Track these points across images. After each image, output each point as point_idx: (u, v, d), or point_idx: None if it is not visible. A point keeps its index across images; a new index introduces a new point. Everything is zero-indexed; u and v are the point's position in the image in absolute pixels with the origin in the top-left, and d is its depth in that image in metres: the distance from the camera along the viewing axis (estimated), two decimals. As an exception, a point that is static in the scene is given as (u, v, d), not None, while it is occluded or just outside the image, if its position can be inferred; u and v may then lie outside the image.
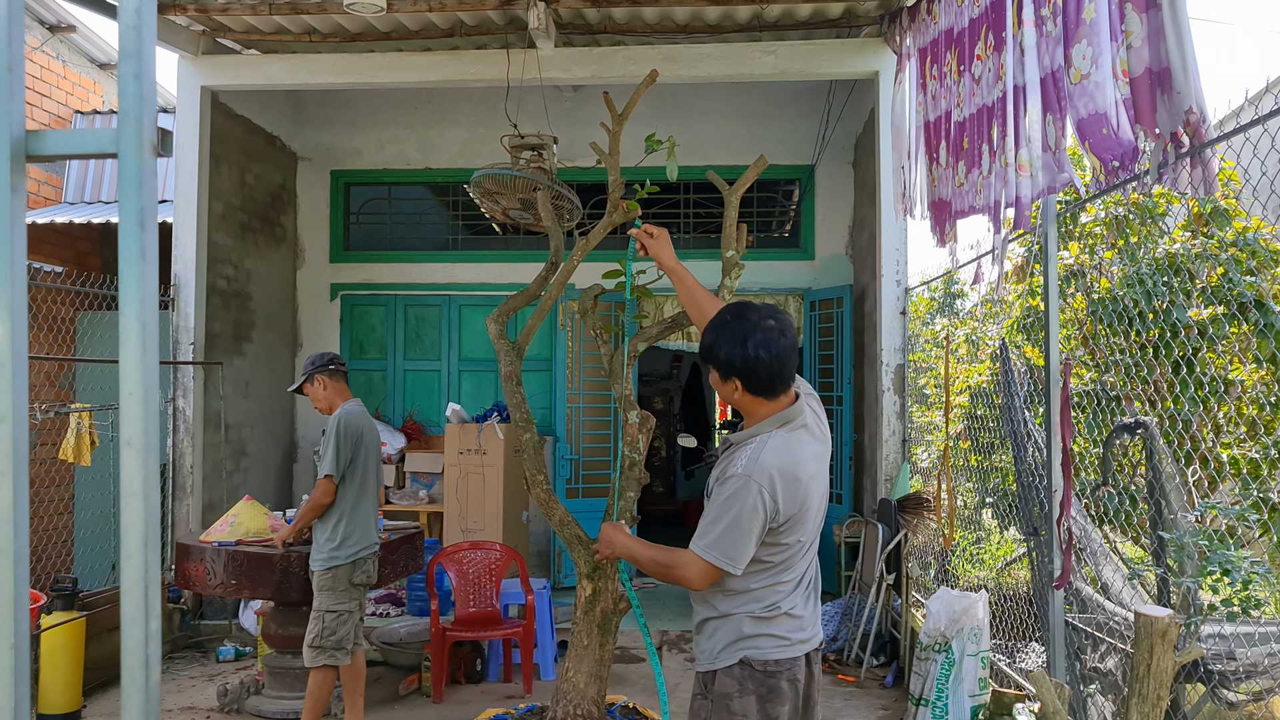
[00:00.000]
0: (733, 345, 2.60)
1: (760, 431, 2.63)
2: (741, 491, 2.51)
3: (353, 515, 4.95)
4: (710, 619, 2.71)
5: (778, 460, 2.55)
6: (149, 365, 1.08)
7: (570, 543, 3.38)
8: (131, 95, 1.08)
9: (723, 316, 2.70)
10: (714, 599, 2.68)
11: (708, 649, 2.71)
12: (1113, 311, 5.02)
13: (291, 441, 9.18)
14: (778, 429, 2.63)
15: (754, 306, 2.69)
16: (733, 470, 2.58)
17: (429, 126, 9.24)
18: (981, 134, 4.19)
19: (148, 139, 1.09)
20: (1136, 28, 3.17)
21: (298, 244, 9.31)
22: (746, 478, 2.52)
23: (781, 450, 2.58)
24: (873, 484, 7.47)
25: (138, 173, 1.09)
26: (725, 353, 2.61)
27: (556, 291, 3.47)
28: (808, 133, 8.87)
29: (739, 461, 2.59)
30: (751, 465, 2.54)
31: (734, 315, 2.68)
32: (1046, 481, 4.04)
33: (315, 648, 4.90)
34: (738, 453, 2.65)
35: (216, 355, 7.68)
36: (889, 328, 7.11)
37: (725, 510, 2.53)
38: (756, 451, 2.57)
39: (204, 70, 7.45)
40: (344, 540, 4.90)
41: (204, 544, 5.40)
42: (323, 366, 5.12)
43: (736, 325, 2.63)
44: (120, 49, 1.08)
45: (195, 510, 7.32)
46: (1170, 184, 3.13)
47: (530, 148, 4.89)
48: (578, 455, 8.55)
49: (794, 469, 2.57)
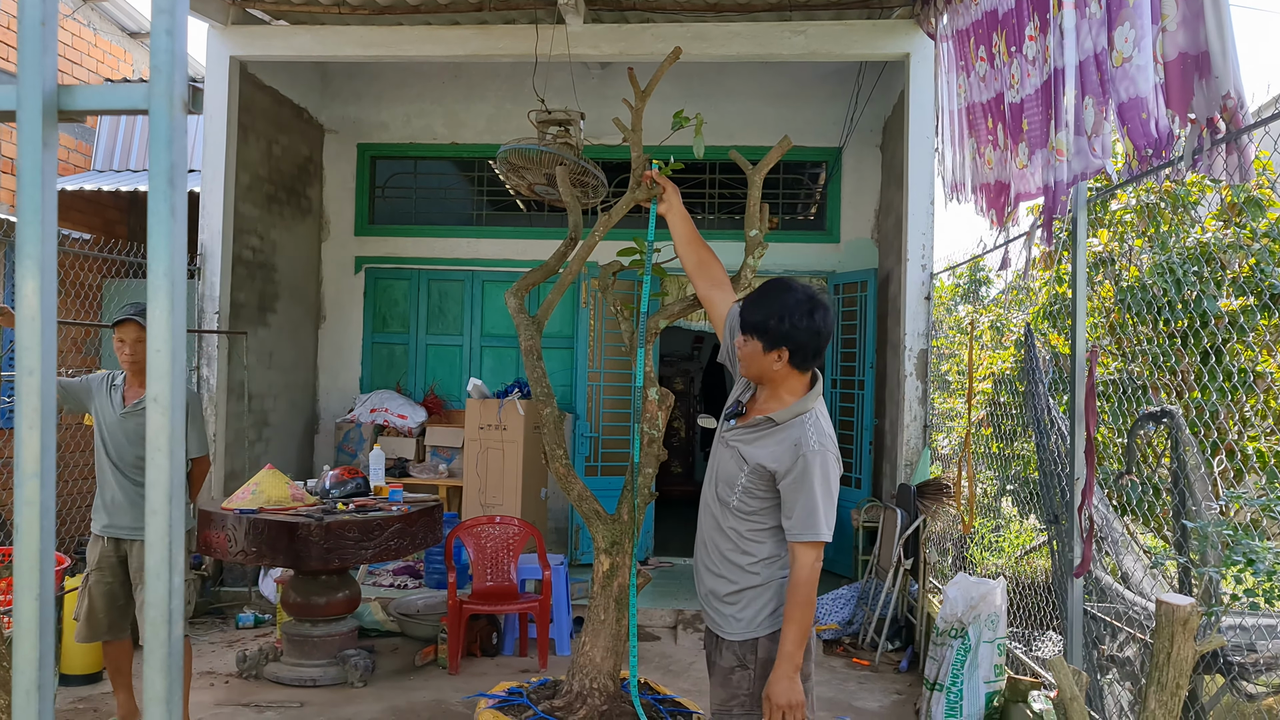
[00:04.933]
0: (798, 316, 2.71)
1: (808, 407, 2.77)
2: (826, 465, 2.69)
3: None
4: (749, 588, 2.78)
5: (829, 428, 2.78)
6: (177, 322, 1.08)
7: (588, 517, 3.38)
8: (163, 51, 1.08)
9: (777, 288, 2.80)
10: (758, 567, 2.77)
11: (746, 617, 2.77)
12: (1141, 300, 4.97)
13: (314, 413, 9.24)
14: (815, 403, 2.80)
15: (798, 282, 2.83)
16: (806, 448, 2.69)
17: (456, 101, 9.22)
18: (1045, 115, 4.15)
19: (179, 95, 1.09)
20: (1172, 11, 3.12)
21: (323, 216, 9.34)
22: (824, 451, 2.70)
23: (827, 419, 2.81)
24: (892, 469, 7.44)
25: (168, 129, 1.08)
26: (788, 324, 2.71)
27: (576, 267, 3.46)
28: (836, 115, 8.81)
29: (808, 439, 2.70)
30: (821, 438, 2.71)
31: (788, 289, 2.79)
32: (1069, 469, 4.01)
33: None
34: (792, 432, 2.74)
35: (241, 325, 7.72)
36: (913, 313, 7.07)
37: (823, 488, 2.68)
38: (817, 425, 2.74)
39: (233, 40, 7.46)
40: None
41: (226, 511, 5.44)
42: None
43: (797, 298, 2.74)
44: (154, 4, 1.08)
45: (218, 478, 7.38)
46: (1205, 170, 3.09)
47: (557, 123, 4.87)
48: (597, 433, 8.56)
49: (832, 431, 2.81)
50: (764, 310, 2.74)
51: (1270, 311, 4.53)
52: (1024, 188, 4.45)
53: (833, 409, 8.69)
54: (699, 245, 3.21)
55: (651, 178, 3.33)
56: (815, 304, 2.73)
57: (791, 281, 2.81)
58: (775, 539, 2.77)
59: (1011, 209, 4.65)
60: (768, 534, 2.78)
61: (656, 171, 3.31)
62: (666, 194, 3.31)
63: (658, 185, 3.33)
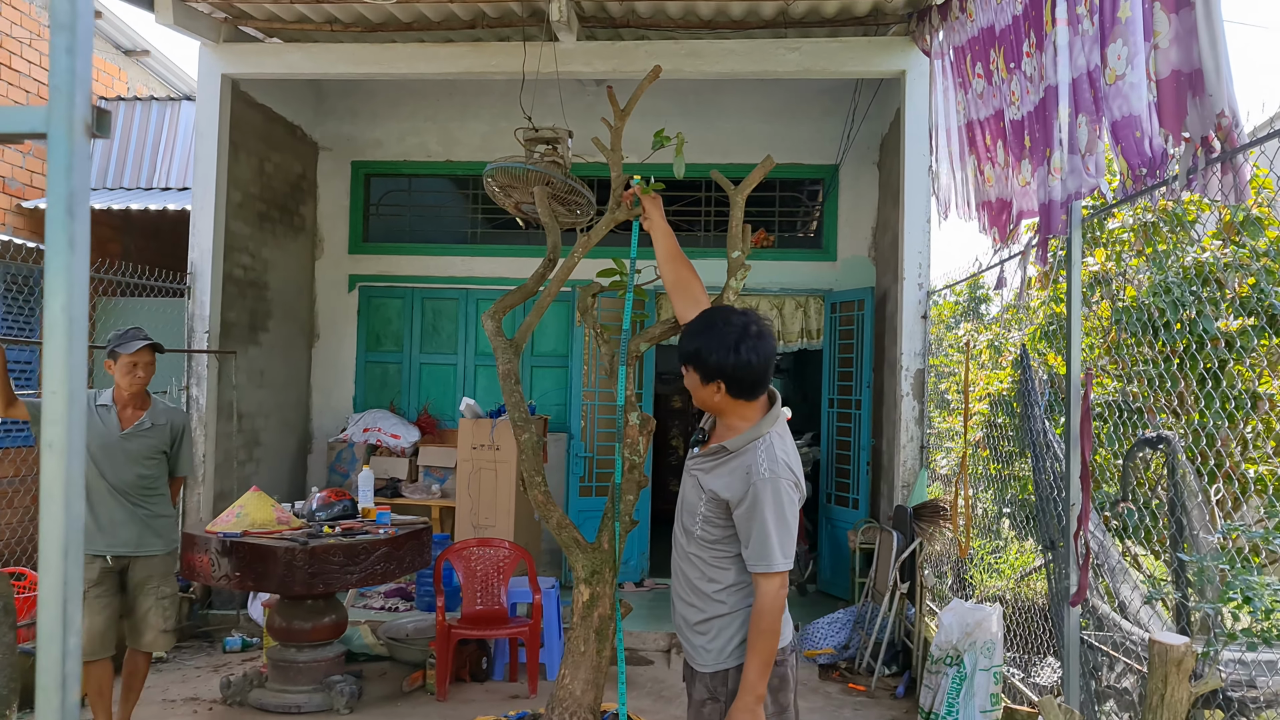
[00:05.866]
0: (724, 351, 2.65)
1: (761, 432, 2.69)
2: (778, 492, 2.60)
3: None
4: (715, 617, 2.72)
5: (785, 453, 2.68)
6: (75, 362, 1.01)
7: (568, 546, 3.30)
8: (63, 71, 1.01)
9: (708, 320, 2.76)
10: (723, 595, 2.72)
11: (715, 648, 2.71)
12: (1138, 320, 4.88)
13: (306, 433, 9.15)
14: (772, 428, 2.72)
15: (735, 310, 2.76)
16: (756, 476, 2.61)
17: (450, 119, 9.18)
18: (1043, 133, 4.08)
19: (80, 118, 1.02)
20: (1165, 28, 3.05)
21: (316, 234, 9.28)
22: (775, 479, 2.61)
23: (784, 443, 2.72)
24: (890, 490, 7.35)
25: (67, 155, 1.01)
26: (715, 358, 2.66)
27: (555, 289, 3.38)
28: (832, 132, 8.75)
29: (758, 466, 2.63)
30: (773, 464, 2.62)
31: (721, 320, 2.73)
32: (1065, 494, 3.91)
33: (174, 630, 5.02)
34: (744, 459, 2.67)
35: (232, 344, 7.65)
36: (910, 331, 6.98)
37: (775, 516, 2.59)
38: (769, 453, 2.64)
39: (225, 58, 7.41)
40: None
41: (209, 535, 5.35)
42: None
43: (725, 330, 2.68)
44: (51, 19, 1.01)
45: (206, 499, 7.30)
46: (1200, 190, 3.01)
47: (545, 141, 4.81)
48: (592, 453, 8.47)
49: (795, 456, 2.73)
50: (694, 342, 2.71)
51: (1269, 332, 4.44)
52: (1026, 205, 4.38)
53: (830, 429, 8.60)
54: (680, 263, 3.15)
55: (633, 195, 3.27)
56: (744, 336, 2.64)
57: (725, 312, 2.74)
58: (739, 566, 2.71)
59: (1014, 227, 4.58)
60: (731, 561, 2.73)
61: (637, 188, 3.24)
62: (648, 210, 3.25)
63: (639, 203, 3.26)
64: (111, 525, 4.75)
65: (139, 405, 4.89)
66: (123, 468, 4.76)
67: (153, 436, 4.89)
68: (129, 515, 4.77)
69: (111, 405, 4.82)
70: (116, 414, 4.80)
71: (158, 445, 4.91)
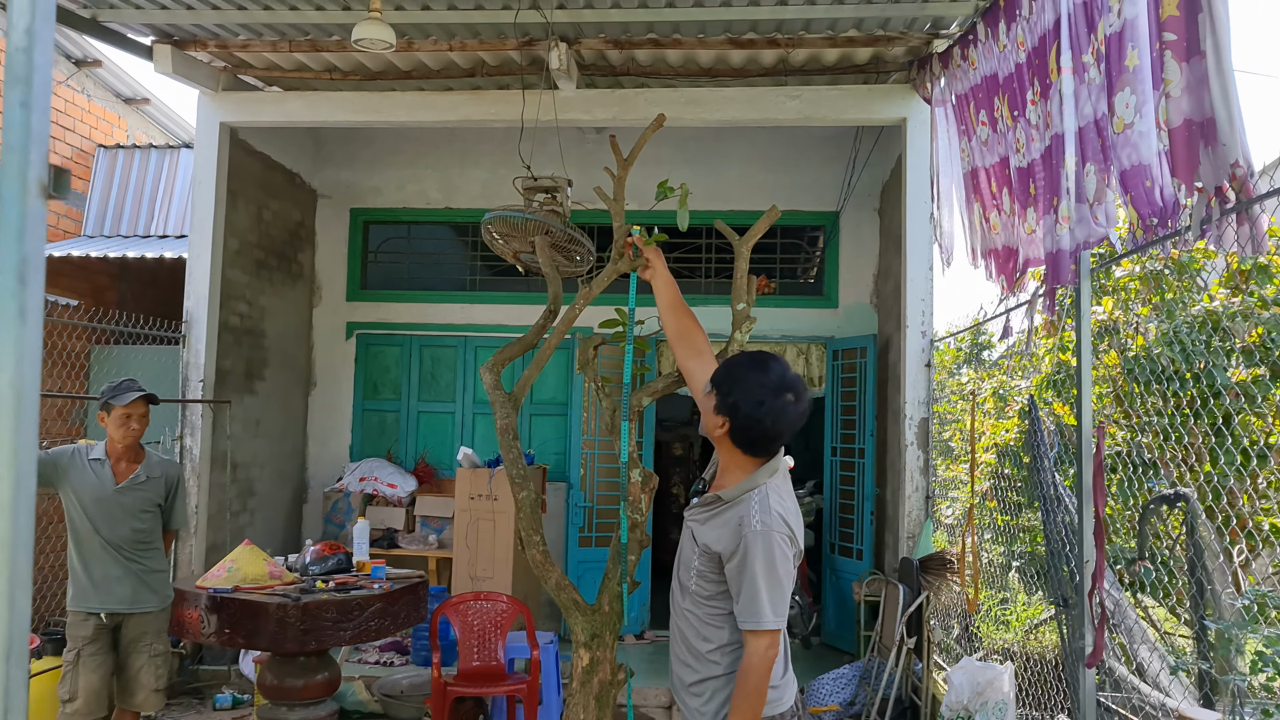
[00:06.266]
0: (747, 396, 2.56)
1: (756, 483, 2.58)
2: (769, 546, 2.48)
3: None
4: (711, 678, 2.61)
5: (781, 505, 2.56)
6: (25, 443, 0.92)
7: (567, 608, 3.18)
8: (18, 127, 0.93)
9: (760, 362, 2.65)
10: (717, 655, 2.62)
11: (710, 711, 2.61)
12: (1149, 370, 4.80)
13: (302, 482, 9.03)
14: (769, 479, 2.61)
15: (789, 370, 2.64)
16: (748, 529, 2.50)
17: (450, 166, 9.16)
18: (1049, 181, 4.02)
19: (35, 178, 0.94)
20: (1176, 76, 2.99)
21: (314, 282, 9.23)
22: (768, 531, 2.49)
23: (781, 496, 2.59)
24: (894, 540, 7.22)
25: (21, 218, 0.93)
26: (736, 396, 2.57)
27: (556, 341, 3.30)
28: (833, 179, 8.72)
29: (750, 519, 2.52)
30: (767, 517, 2.51)
31: (772, 369, 2.62)
32: (1077, 550, 3.80)
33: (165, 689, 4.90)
34: (738, 510, 2.57)
35: (227, 393, 7.56)
36: (913, 380, 6.89)
37: (766, 571, 2.48)
38: (763, 504, 2.54)
39: (224, 106, 7.40)
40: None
41: (199, 590, 5.22)
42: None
43: (763, 379, 2.58)
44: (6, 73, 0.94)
45: (199, 551, 7.17)
46: (1214, 242, 2.94)
47: (544, 189, 4.75)
48: (592, 503, 8.34)
49: (794, 509, 2.61)
50: (731, 373, 2.63)
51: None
52: (1033, 253, 4.32)
53: (833, 477, 8.48)
54: (682, 312, 3.07)
55: (634, 244, 3.19)
56: (769, 394, 2.54)
57: (780, 365, 2.63)
58: (734, 625, 2.59)
59: (1020, 275, 4.51)
60: (725, 619, 2.61)
61: (638, 237, 3.16)
62: (650, 259, 3.18)
63: (640, 253, 3.18)
64: (106, 582, 4.66)
65: (133, 458, 4.80)
66: (118, 522, 4.68)
67: (148, 490, 4.80)
68: (124, 571, 4.69)
69: (105, 459, 4.73)
70: (110, 468, 4.72)
71: (153, 498, 4.82)
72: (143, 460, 4.82)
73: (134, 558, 4.73)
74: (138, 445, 4.83)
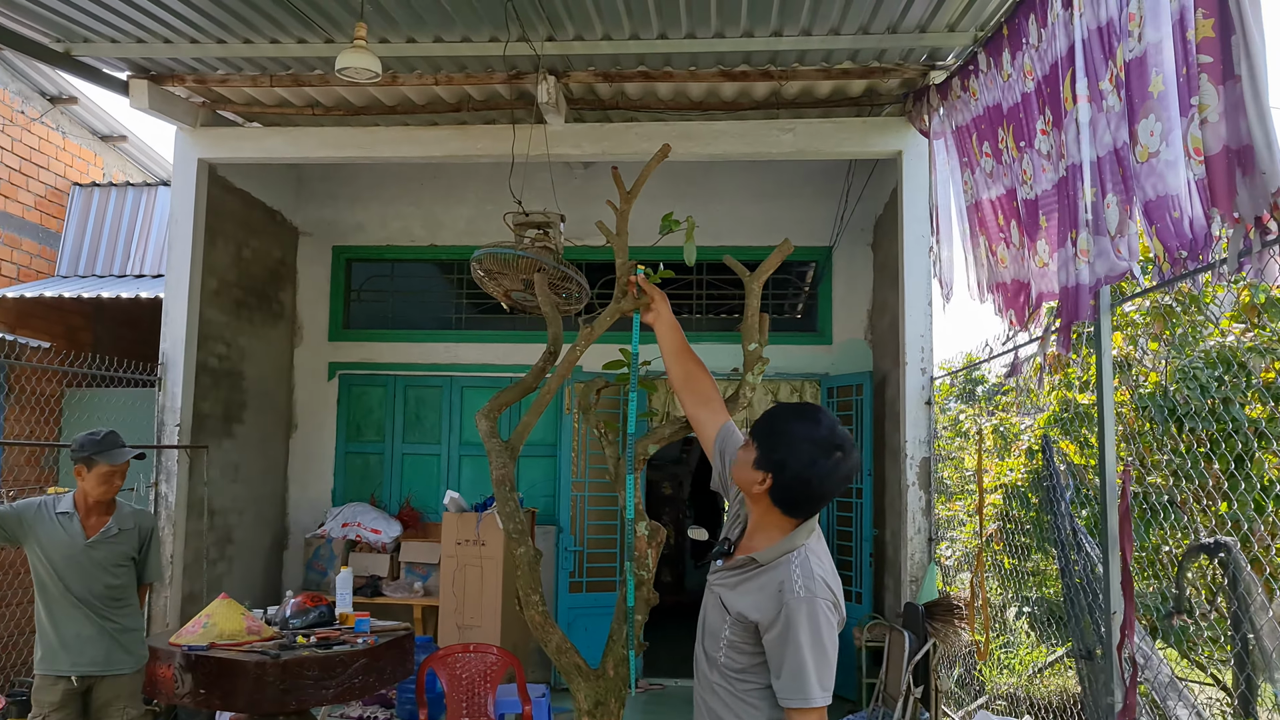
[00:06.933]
0: (795, 454, 2.33)
1: (794, 544, 2.35)
2: (815, 615, 2.26)
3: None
4: None
5: (823, 568, 2.34)
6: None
7: (569, 673, 2.96)
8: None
9: (812, 415, 2.41)
10: None
11: None
12: (1163, 407, 4.63)
13: (283, 528, 8.75)
14: (807, 538, 2.38)
15: (832, 422, 2.41)
16: (790, 595, 2.26)
17: (435, 203, 8.98)
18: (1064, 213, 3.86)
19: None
20: (1213, 101, 2.84)
21: (296, 321, 9.00)
22: (812, 598, 2.26)
23: (821, 557, 2.37)
24: (895, 583, 7.00)
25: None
26: (783, 454, 2.34)
27: (555, 385, 3.09)
28: (825, 213, 8.59)
29: (792, 583, 2.28)
30: (810, 583, 2.28)
31: (817, 424, 2.39)
32: (1104, 601, 3.61)
33: None
34: (776, 575, 2.32)
35: (205, 437, 7.30)
36: (913, 419, 6.70)
37: (812, 642, 2.24)
38: (805, 568, 2.30)
39: (202, 142, 7.20)
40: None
41: (173, 647, 4.95)
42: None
43: (814, 437, 2.35)
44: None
45: (174, 603, 6.88)
46: (1255, 274, 2.77)
47: (535, 225, 4.57)
48: (582, 547, 8.10)
49: (834, 573, 2.38)
50: (775, 425, 2.40)
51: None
52: (1046, 287, 4.15)
53: (829, 519, 8.27)
54: (687, 357, 2.87)
55: (637, 284, 2.99)
56: (820, 452, 2.32)
57: (821, 415, 2.41)
58: (770, 701, 2.32)
59: (1034, 309, 4.34)
60: (760, 695, 2.34)
61: (642, 277, 2.97)
62: (654, 302, 2.98)
63: (644, 293, 2.99)
64: (78, 642, 4.39)
65: (104, 510, 4.55)
66: (90, 579, 4.42)
67: (121, 543, 4.54)
68: (97, 631, 4.42)
69: (74, 512, 4.47)
70: (80, 521, 4.46)
71: (126, 552, 4.57)
72: (114, 512, 4.57)
73: (107, 616, 4.47)
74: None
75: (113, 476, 4.44)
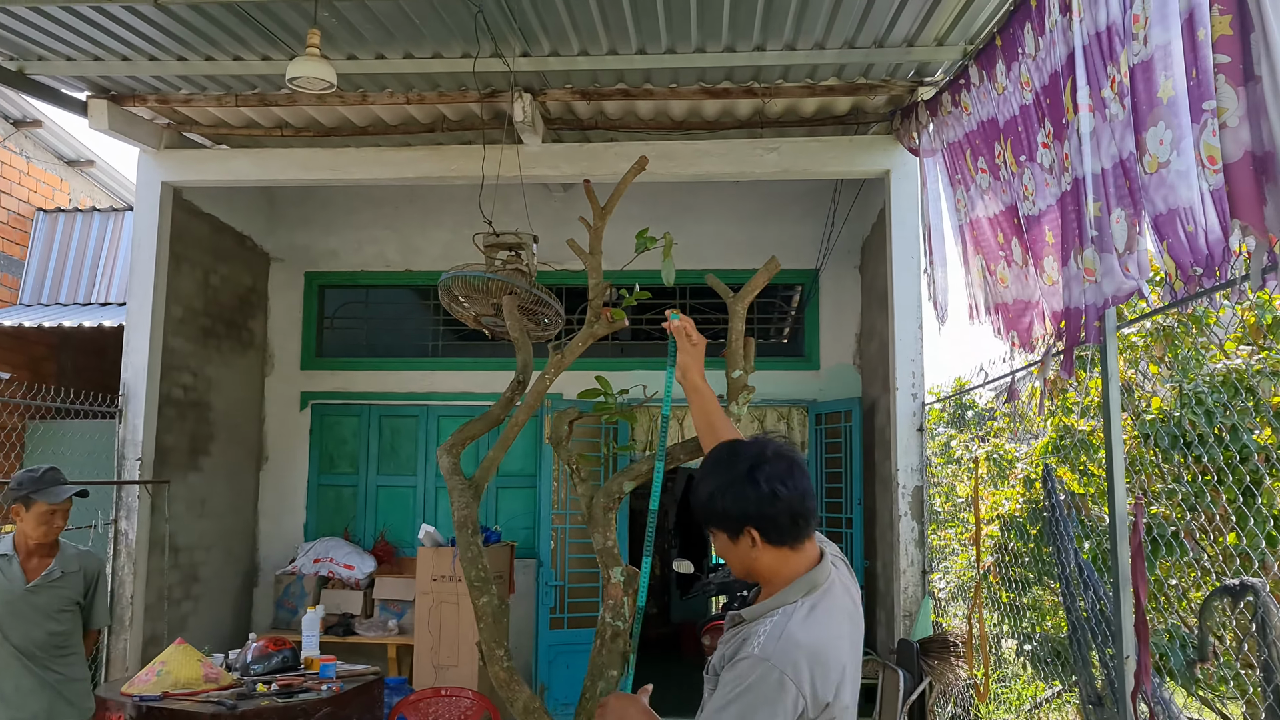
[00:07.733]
0: (739, 485, 2.01)
1: (783, 602, 2.00)
2: (755, 679, 1.86)
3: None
4: None
5: (808, 636, 1.92)
6: None
7: (540, 735, 2.69)
8: None
9: (714, 457, 2.12)
10: None
11: None
12: (1168, 434, 4.41)
13: (252, 564, 8.43)
14: (804, 596, 2.00)
15: (746, 441, 2.13)
16: (745, 650, 1.92)
17: (410, 227, 8.74)
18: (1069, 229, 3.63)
19: None
20: (1232, 104, 2.62)
21: (267, 349, 8.72)
22: (763, 660, 1.87)
23: (811, 623, 1.95)
24: (888, 617, 6.74)
25: None
26: (731, 498, 2.02)
27: (524, 418, 2.84)
28: (811, 235, 8.38)
29: (755, 640, 1.93)
30: (771, 644, 1.90)
31: (728, 453, 2.10)
32: (1116, 644, 3.36)
33: None
34: (753, 629, 1.99)
35: (169, 471, 7.00)
36: (905, 446, 6.46)
37: (730, 702, 1.86)
38: (778, 626, 1.94)
39: (166, 165, 6.95)
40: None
41: (124, 697, 4.65)
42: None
43: (733, 462, 2.05)
44: None
45: (134, 645, 6.56)
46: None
47: (507, 247, 4.33)
48: (563, 581, 7.81)
49: (826, 649, 1.93)
50: (704, 488, 2.09)
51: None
52: (1058, 306, 3.91)
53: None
54: (724, 427, 2.51)
55: (669, 328, 2.66)
56: (759, 461, 2.03)
57: (731, 444, 2.14)
58: None
59: (1044, 329, 4.11)
60: None
61: (675, 324, 2.64)
62: (680, 353, 2.64)
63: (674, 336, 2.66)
64: (18, 695, 4.10)
65: (46, 552, 4.27)
66: (31, 626, 4.14)
67: (64, 586, 4.25)
68: (38, 682, 4.14)
69: (13, 554, 4.19)
70: (19, 564, 4.18)
71: (70, 596, 4.28)
72: (57, 554, 4.28)
73: (49, 666, 4.19)
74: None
75: (53, 516, 4.15)
